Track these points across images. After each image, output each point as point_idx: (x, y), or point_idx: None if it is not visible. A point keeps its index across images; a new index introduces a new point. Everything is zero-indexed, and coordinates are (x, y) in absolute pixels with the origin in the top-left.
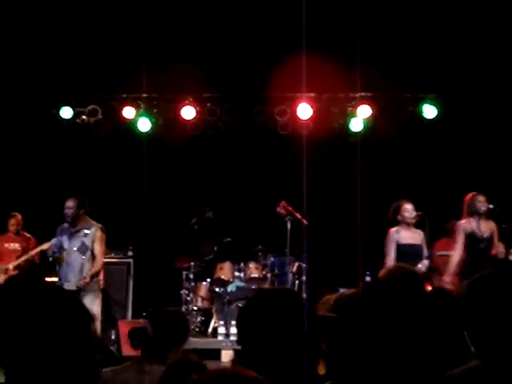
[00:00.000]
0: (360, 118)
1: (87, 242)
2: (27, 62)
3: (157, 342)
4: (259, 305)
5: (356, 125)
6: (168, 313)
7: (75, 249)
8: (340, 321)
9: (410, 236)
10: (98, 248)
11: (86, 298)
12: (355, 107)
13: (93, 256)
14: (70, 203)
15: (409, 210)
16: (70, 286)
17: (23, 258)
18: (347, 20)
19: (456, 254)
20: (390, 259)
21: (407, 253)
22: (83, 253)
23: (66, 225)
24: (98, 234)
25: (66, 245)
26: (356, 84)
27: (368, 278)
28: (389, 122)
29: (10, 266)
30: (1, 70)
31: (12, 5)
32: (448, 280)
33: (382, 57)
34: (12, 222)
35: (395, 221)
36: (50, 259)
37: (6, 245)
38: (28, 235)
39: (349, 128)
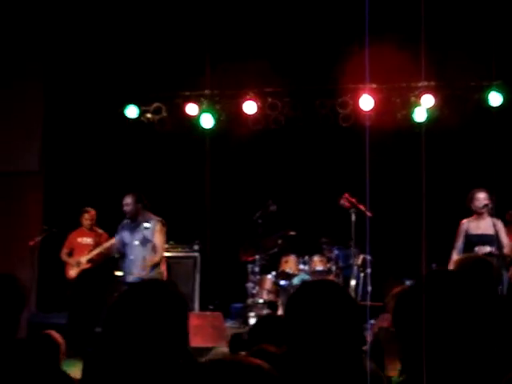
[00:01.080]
0: (423, 107)
1: (148, 235)
2: (94, 64)
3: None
4: (302, 297)
5: (420, 115)
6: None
7: (137, 242)
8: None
9: (479, 226)
10: (158, 240)
11: None
12: (418, 97)
13: (154, 249)
14: (127, 200)
15: (479, 199)
16: (133, 278)
17: (95, 252)
18: (410, 9)
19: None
20: (456, 251)
21: (476, 243)
22: (144, 245)
23: (126, 221)
24: (158, 226)
25: (127, 239)
26: (419, 73)
27: None
28: (453, 111)
29: (83, 260)
30: (69, 74)
31: (77, 7)
32: None
33: (445, 45)
34: (86, 216)
35: (471, 210)
36: (116, 256)
37: (79, 239)
38: (100, 231)
39: (412, 118)
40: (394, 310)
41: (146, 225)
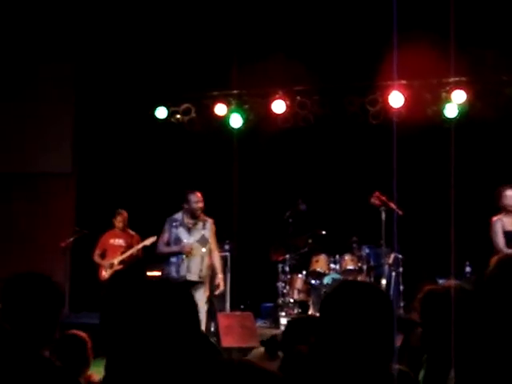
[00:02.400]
0: (454, 103)
1: (206, 234)
2: (124, 66)
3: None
4: (339, 297)
5: (451, 111)
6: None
7: (196, 241)
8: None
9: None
10: (214, 241)
11: (200, 290)
12: (449, 92)
13: (210, 250)
14: (200, 197)
15: (509, 196)
16: (192, 276)
17: (127, 254)
18: (439, 3)
19: None
20: (501, 247)
21: (510, 240)
22: (204, 245)
23: (178, 217)
24: (213, 227)
25: (184, 237)
26: (449, 69)
27: (468, 269)
28: (485, 106)
29: (115, 261)
30: (99, 76)
31: (108, 10)
32: None
33: (475, 39)
34: (118, 218)
35: (500, 207)
36: (183, 256)
37: (112, 241)
38: (132, 232)
39: (443, 114)
40: (421, 306)
41: (203, 225)
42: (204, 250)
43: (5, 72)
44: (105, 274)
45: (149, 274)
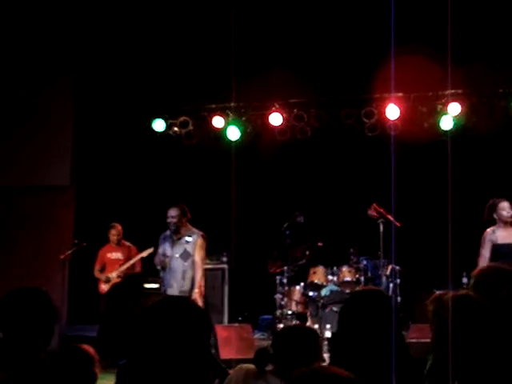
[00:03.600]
0: (450, 115)
1: (189, 248)
2: (121, 79)
3: (282, 359)
4: (353, 306)
5: (446, 123)
6: (296, 329)
7: (177, 255)
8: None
9: (507, 235)
10: (199, 256)
11: None
12: (445, 105)
13: (194, 264)
14: (173, 212)
15: (506, 208)
16: (173, 291)
17: (125, 266)
18: (435, 17)
19: None
20: (484, 259)
21: (504, 253)
22: (185, 259)
23: (168, 232)
24: (200, 241)
25: (168, 252)
26: (445, 82)
27: (465, 280)
28: (481, 118)
29: (113, 275)
30: (98, 89)
31: (106, 23)
32: None
33: (471, 52)
34: (113, 232)
35: (491, 220)
36: (159, 267)
37: (109, 254)
38: (128, 244)
39: (439, 127)
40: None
41: (187, 239)
42: (186, 263)
43: (4, 85)
44: (104, 287)
45: (146, 286)
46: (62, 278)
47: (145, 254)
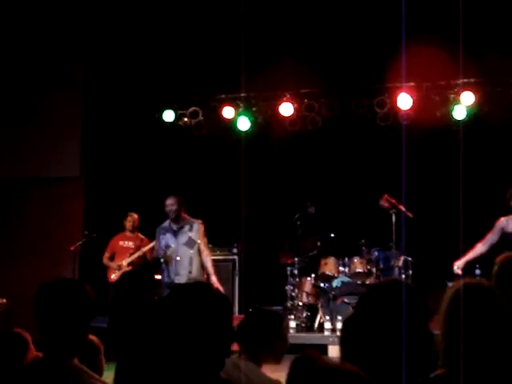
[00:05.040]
0: (463, 105)
1: (193, 236)
2: (131, 70)
3: (251, 340)
4: (368, 300)
5: (459, 113)
6: (262, 312)
7: (182, 244)
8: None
9: None
10: (204, 242)
11: None
12: (458, 94)
13: (200, 250)
14: (171, 201)
15: None
16: (182, 279)
17: (136, 255)
18: (448, 6)
19: None
20: (484, 243)
21: (508, 240)
22: (191, 247)
23: (165, 224)
24: (201, 228)
25: (171, 242)
26: (458, 71)
27: (478, 271)
28: (493, 108)
29: (124, 263)
30: (107, 80)
31: (115, 14)
32: None
33: (483, 41)
34: (129, 219)
35: (510, 208)
36: (162, 260)
37: (121, 243)
38: (142, 236)
39: (452, 116)
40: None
41: (189, 227)
42: (192, 251)
43: (14, 76)
44: (113, 276)
45: (157, 277)
46: (72, 270)
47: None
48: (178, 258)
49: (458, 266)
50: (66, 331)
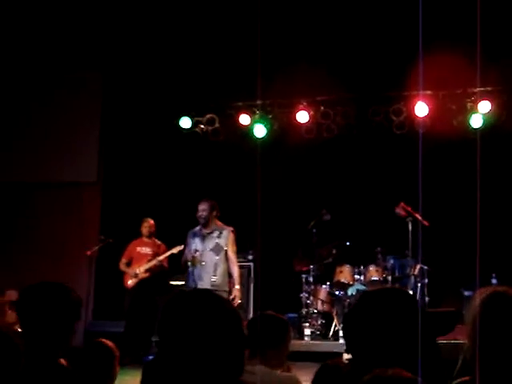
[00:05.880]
0: (480, 113)
1: (221, 242)
2: (149, 77)
3: (261, 344)
4: (364, 307)
5: (476, 121)
6: (269, 317)
7: (209, 249)
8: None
9: None
10: (232, 251)
11: None
12: (475, 103)
13: (227, 257)
14: (203, 206)
15: None
16: (204, 284)
17: (153, 262)
18: (465, 14)
19: None
20: None
21: None
22: (217, 253)
23: (196, 228)
24: (231, 236)
25: (199, 246)
26: (475, 79)
27: (494, 281)
28: (511, 116)
29: (141, 270)
30: (125, 87)
31: (133, 21)
32: None
33: (501, 49)
34: (145, 224)
35: None
36: (189, 263)
37: (138, 248)
38: (159, 242)
39: (469, 124)
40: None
41: (219, 233)
42: (217, 257)
43: (32, 81)
44: (130, 282)
45: (172, 283)
46: (88, 274)
47: (175, 250)
48: (203, 263)
49: None
50: (49, 333)
